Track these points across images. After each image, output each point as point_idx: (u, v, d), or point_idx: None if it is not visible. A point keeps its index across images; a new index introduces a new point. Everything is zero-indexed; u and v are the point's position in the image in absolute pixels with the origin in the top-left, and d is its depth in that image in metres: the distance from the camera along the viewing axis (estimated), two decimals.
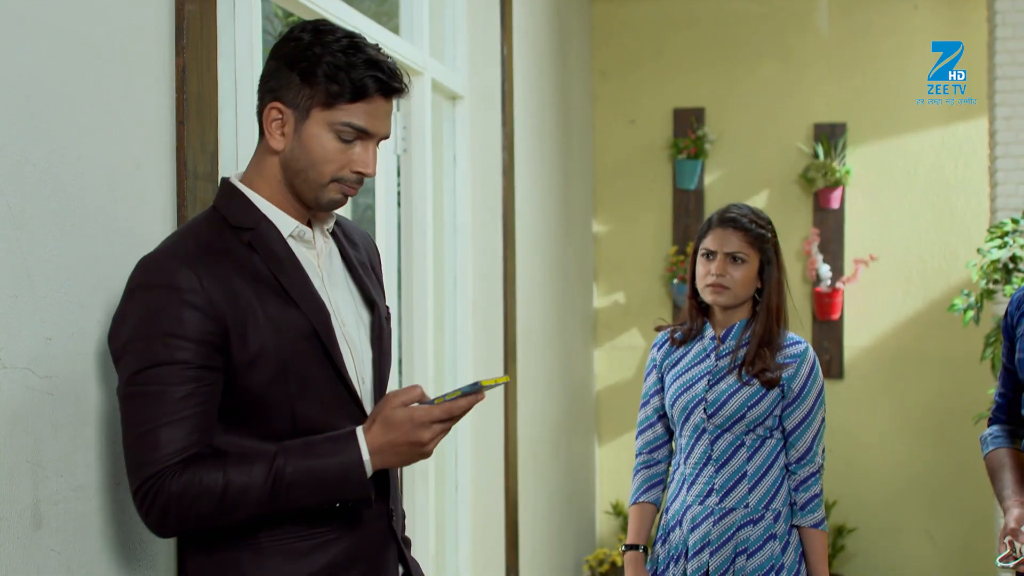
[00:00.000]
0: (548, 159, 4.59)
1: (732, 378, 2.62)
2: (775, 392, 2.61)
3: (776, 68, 5.47)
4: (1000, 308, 4.29)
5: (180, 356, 1.50)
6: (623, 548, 2.74)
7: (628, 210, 5.62)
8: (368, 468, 1.56)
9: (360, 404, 1.67)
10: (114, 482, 1.68)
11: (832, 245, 5.40)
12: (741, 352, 2.65)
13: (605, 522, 5.60)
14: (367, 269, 1.80)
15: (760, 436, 2.62)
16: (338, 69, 1.57)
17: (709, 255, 2.65)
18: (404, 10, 3.32)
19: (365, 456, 1.55)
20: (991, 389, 4.08)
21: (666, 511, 2.73)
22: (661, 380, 2.75)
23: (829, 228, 5.40)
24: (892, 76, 5.36)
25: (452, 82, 3.54)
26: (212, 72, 1.95)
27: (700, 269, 2.67)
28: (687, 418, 2.65)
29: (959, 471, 5.20)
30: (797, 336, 2.69)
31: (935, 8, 5.33)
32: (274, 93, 1.61)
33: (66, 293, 1.58)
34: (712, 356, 2.67)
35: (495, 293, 3.81)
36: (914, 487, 5.34)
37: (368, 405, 1.70)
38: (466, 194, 3.65)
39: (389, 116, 1.66)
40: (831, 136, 5.38)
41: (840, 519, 5.31)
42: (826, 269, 5.34)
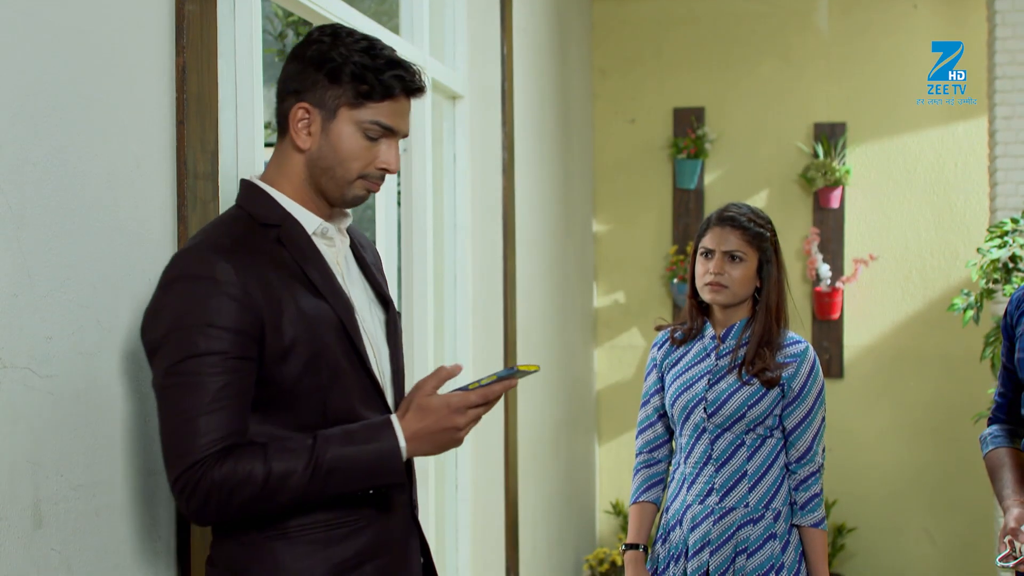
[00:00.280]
0: (548, 158, 4.59)
1: (732, 377, 2.62)
2: (775, 391, 2.61)
3: (776, 67, 5.47)
4: (1000, 308, 4.29)
5: (219, 346, 1.53)
6: (623, 547, 2.74)
7: (628, 209, 5.62)
8: (404, 454, 1.61)
9: (383, 396, 1.72)
10: (114, 482, 1.69)
11: (832, 245, 5.40)
12: (741, 351, 2.64)
13: (605, 521, 5.60)
14: (377, 269, 1.86)
15: (760, 435, 2.62)
16: (365, 69, 1.63)
17: (708, 254, 2.65)
18: (404, 10, 3.32)
19: (401, 443, 1.60)
20: (991, 388, 4.08)
21: (666, 510, 2.73)
22: (661, 379, 2.75)
23: (829, 228, 5.40)
24: (892, 76, 5.36)
25: (452, 81, 3.54)
26: (212, 72, 1.95)
27: (699, 268, 2.67)
28: (687, 417, 2.65)
29: (959, 470, 5.20)
30: (797, 335, 2.69)
31: (935, 8, 5.33)
32: (299, 94, 1.66)
33: (66, 293, 1.58)
34: (712, 355, 2.67)
35: (495, 292, 3.81)
36: (914, 486, 5.34)
37: (389, 398, 1.75)
38: (466, 193, 3.65)
39: (409, 115, 1.72)
40: (831, 136, 5.38)
41: (840, 518, 5.31)
42: (826, 269, 5.34)
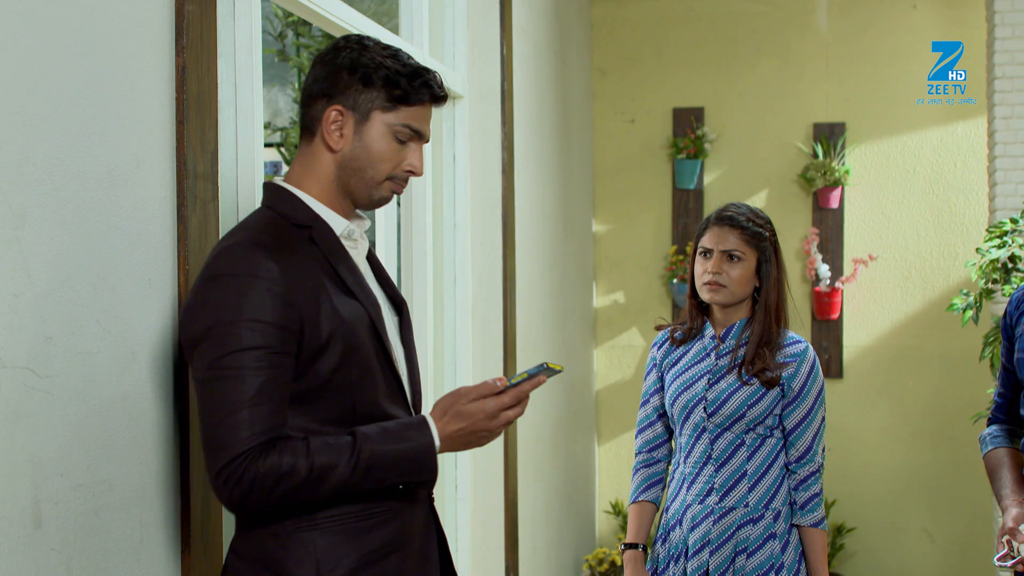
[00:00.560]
0: (547, 158, 4.59)
1: (732, 377, 2.62)
2: (775, 391, 2.61)
3: (775, 67, 5.47)
4: (999, 308, 4.29)
5: (262, 341, 1.57)
6: (622, 547, 2.74)
7: (627, 209, 5.62)
8: (437, 453, 1.68)
9: (405, 393, 1.78)
10: (114, 482, 1.69)
11: (831, 245, 5.40)
12: (741, 351, 2.65)
13: (605, 521, 5.60)
14: (387, 274, 1.91)
15: (760, 435, 2.62)
16: (399, 75, 1.71)
17: (706, 253, 2.66)
18: (404, 10, 3.32)
19: (436, 443, 1.66)
20: (990, 388, 4.09)
21: (666, 510, 2.73)
22: (661, 379, 2.76)
23: (828, 228, 5.40)
24: (891, 76, 5.36)
25: (452, 81, 3.54)
26: (212, 72, 1.95)
27: (697, 268, 2.68)
28: (687, 417, 2.66)
29: (958, 470, 5.20)
30: (797, 335, 2.69)
31: (934, 8, 5.33)
32: (331, 97, 1.71)
33: (66, 293, 1.58)
34: (712, 355, 2.68)
35: (495, 292, 3.81)
36: (913, 486, 5.34)
37: (407, 395, 1.80)
38: (466, 193, 3.65)
39: (430, 122, 1.79)
40: (830, 136, 5.38)
41: (839, 518, 5.31)
42: (825, 269, 5.34)
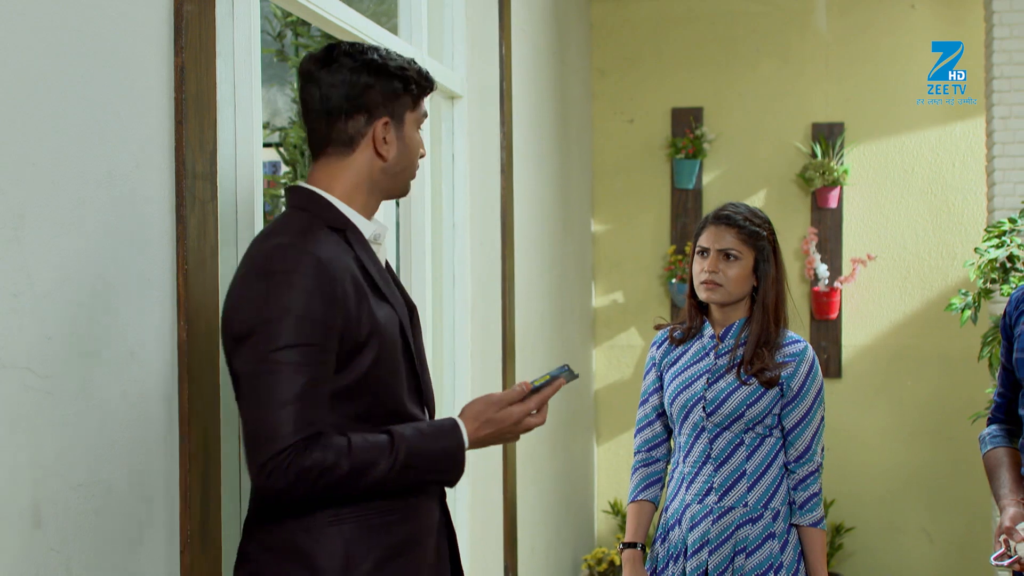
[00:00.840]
0: (546, 158, 4.59)
1: (731, 376, 2.63)
2: (774, 391, 2.61)
3: (774, 67, 5.48)
4: (997, 307, 4.30)
5: (310, 338, 1.61)
6: (621, 546, 2.74)
7: (626, 209, 5.62)
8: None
9: (423, 393, 1.83)
10: (114, 482, 1.69)
11: (830, 244, 5.40)
12: (740, 351, 2.65)
13: (603, 521, 5.60)
14: (398, 278, 1.94)
15: (759, 435, 2.62)
16: (419, 74, 1.80)
17: (704, 252, 2.66)
18: (403, 10, 3.32)
19: (466, 444, 1.75)
20: (988, 388, 4.09)
21: (665, 510, 2.73)
22: (660, 378, 2.76)
23: (827, 227, 5.40)
24: (890, 76, 5.36)
25: (450, 81, 3.54)
26: (211, 72, 1.95)
27: (695, 267, 2.68)
28: (686, 416, 2.66)
29: (957, 470, 5.21)
30: (796, 335, 2.70)
31: (933, 8, 5.33)
32: (371, 113, 1.76)
33: (66, 292, 1.59)
34: (711, 355, 2.68)
35: (494, 292, 3.81)
36: (912, 486, 5.35)
37: (423, 395, 1.85)
38: (464, 193, 3.65)
39: None
40: (829, 136, 5.38)
41: (838, 518, 5.32)
42: (824, 268, 5.35)
